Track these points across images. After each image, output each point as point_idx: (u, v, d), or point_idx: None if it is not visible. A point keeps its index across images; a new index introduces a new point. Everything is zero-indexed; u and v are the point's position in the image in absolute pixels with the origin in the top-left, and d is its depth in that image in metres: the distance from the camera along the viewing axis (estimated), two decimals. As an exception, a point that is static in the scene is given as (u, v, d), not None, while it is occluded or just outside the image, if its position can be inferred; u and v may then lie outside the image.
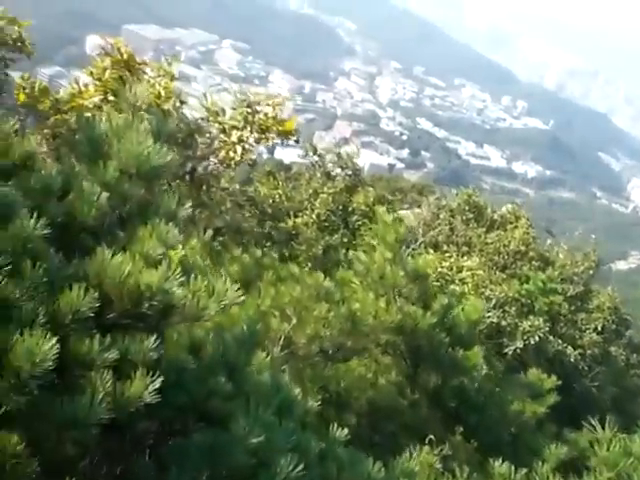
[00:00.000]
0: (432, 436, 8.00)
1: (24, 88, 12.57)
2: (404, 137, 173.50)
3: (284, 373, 8.10)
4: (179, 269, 3.88)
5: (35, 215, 3.68)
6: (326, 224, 24.49)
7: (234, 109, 12.73)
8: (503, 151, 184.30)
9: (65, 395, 3.20)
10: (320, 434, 5.40)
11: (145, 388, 3.35)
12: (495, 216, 33.55)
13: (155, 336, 3.54)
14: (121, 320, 3.67)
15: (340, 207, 25.01)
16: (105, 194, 4.21)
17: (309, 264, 21.95)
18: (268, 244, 18.93)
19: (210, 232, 10.36)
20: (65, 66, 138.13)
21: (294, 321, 8.02)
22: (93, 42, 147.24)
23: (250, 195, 18.52)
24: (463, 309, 11.35)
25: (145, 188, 4.38)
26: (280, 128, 12.48)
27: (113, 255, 3.74)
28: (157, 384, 3.39)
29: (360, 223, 25.18)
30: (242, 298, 3.79)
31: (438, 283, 18.53)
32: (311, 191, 25.48)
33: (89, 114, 11.82)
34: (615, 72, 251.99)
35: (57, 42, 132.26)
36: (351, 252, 24.14)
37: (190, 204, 4.71)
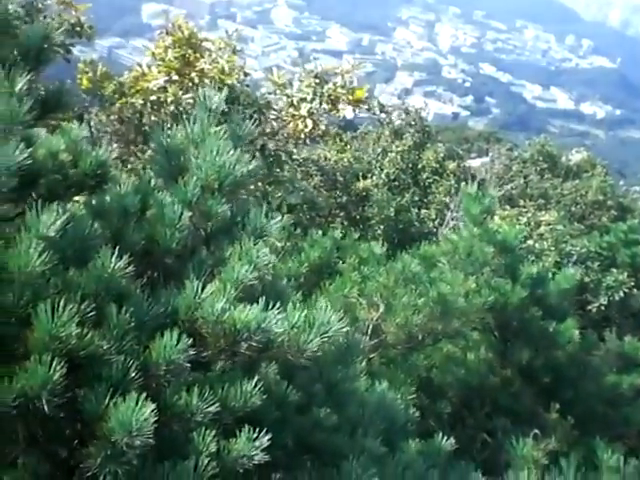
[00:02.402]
0: (537, 431, 7.58)
1: (86, 72, 12.35)
2: (467, 84, 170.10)
3: (374, 363, 7.80)
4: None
5: (116, 248, 3.38)
6: (396, 183, 23.97)
7: (301, 81, 12.32)
8: (570, 92, 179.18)
9: (166, 460, 2.90)
10: (425, 444, 5.07)
11: (252, 444, 3.03)
12: (570, 164, 32.58)
13: (255, 379, 3.22)
14: (215, 359, 3.36)
15: (410, 165, 24.45)
16: (187, 213, 3.88)
17: (381, 226, 21.60)
18: (341, 214, 18.60)
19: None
20: (123, 36, 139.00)
21: (382, 309, 7.67)
22: (149, 10, 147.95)
23: (320, 164, 18.12)
24: (554, 278, 10.83)
25: (229, 202, 4.03)
26: (350, 97, 12.01)
27: (204, 287, 3.42)
28: (265, 441, 3.06)
29: (431, 180, 24.62)
30: (346, 328, 3.43)
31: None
32: (379, 150, 24.98)
33: (154, 97, 11.58)
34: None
35: (114, 13, 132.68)
36: (423, 211, 23.77)
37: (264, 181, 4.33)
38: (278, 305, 3.40)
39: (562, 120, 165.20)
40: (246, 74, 12.93)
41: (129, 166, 11.54)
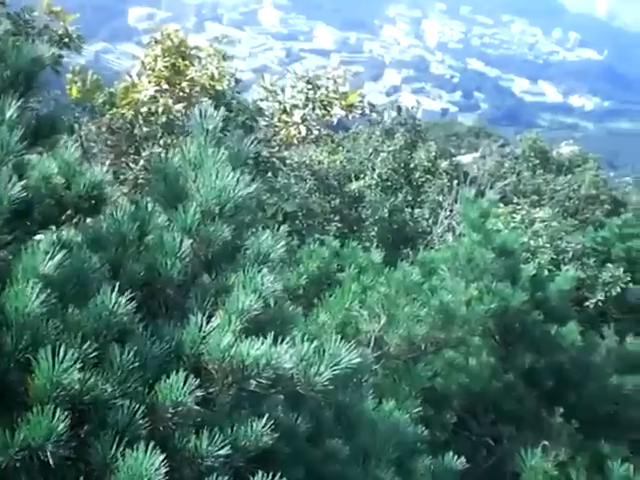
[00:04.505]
0: (546, 442, 7.47)
1: (75, 82, 12.20)
2: (455, 80, 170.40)
3: (376, 375, 7.67)
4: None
5: (116, 281, 3.25)
6: (389, 183, 23.82)
7: (293, 86, 12.19)
8: (558, 86, 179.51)
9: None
10: (435, 463, 4.95)
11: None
12: (562, 159, 32.52)
13: (265, 416, 3.09)
14: (221, 395, 3.23)
15: (402, 165, 24.30)
16: (188, 240, 3.74)
17: (375, 227, 21.46)
18: (336, 217, 18.46)
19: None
20: (110, 41, 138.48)
21: (384, 320, 7.55)
22: (135, 14, 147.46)
23: (313, 168, 17.98)
24: (553, 279, 10.72)
25: (230, 227, 3.89)
26: (343, 102, 11.90)
27: (208, 319, 3.29)
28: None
29: (423, 180, 24.48)
30: (357, 360, 3.30)
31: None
32: (371, 150, 24.84)
33: (145, 108, 11.43)
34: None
35: (100, 17, 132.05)
36: (417, 210, 23.64)
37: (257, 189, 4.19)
38: (286, 336, 3.27)
39: (551, 113, 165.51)
40: (237, 81, 12.81)
41: (121, 177, 11.40)
